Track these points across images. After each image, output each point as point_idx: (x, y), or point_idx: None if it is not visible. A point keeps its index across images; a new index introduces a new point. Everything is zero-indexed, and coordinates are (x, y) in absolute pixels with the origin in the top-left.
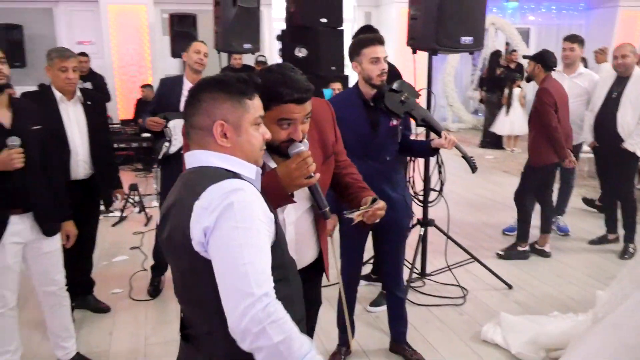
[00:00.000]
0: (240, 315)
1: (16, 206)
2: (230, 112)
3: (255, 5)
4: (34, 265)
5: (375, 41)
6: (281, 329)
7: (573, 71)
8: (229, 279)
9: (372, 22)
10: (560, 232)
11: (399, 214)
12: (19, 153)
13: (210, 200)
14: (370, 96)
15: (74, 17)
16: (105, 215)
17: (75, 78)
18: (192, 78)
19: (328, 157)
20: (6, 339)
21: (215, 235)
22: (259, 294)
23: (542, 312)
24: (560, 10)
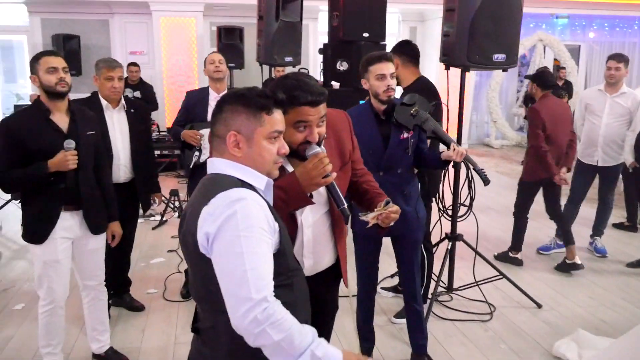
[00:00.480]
0: (241, 317)
1: (68, 203)
2: (245, 124)
3: (297, 19)
4: (78, 260)
5: (382, 58)
6: (280, 328)
7: (616, 90)
8: (230, 284)
9: (416, 37)
10: (597, 254)
11: (410, 227)
12: (73, 155)
13: (215, 206)
14: (381, 110)
15: (128, 28)
16: (146, 219)
17: (120, 87)
18: (216, 88)
19: (345, 164)
20: (51, 334)
21: (218, 242)
22: (258, 299)
23: (572, 333)
24: (614, 28)
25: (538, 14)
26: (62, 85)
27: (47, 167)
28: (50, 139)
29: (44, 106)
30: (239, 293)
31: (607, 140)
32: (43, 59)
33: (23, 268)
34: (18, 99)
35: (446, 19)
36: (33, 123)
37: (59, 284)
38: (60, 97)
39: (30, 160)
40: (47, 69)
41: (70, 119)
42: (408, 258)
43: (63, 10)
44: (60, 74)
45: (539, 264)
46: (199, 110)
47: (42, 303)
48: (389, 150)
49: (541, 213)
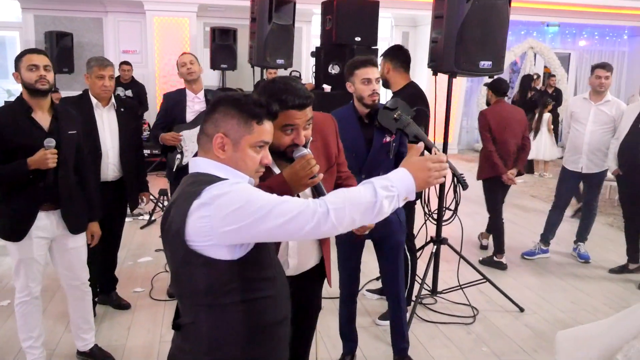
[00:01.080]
0: (315, 225)
1: (46, 202)
2: (234, 129)
3: (290, 22)
4: (59, 260)
5: (368, 63)
6: (337, 203)
7: (601, 99)
8: (275, 213)
9: (409, 42)
10: (580, 259)
11: (391, 230)
12: (53, 154)
13: (211, 196)
14: (364, 113)
15: (121, 27)
16: (135, 218)
17: (110, 86)
18: (192, 88)
19: (331, 166)
20: (30, 325)
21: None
22: (310, 203)
23: (553, 338)
24: (604, 37)
25: (529, 22)
26: (42, 83)
27: (26, 165)
28: (30, 137)
29: (26, 104)
30: (293, 211)
31: (592, 148)
32: (26, 56)
33: (9, 265)
34: (9, 95)
35: (434, 25)
36: (14, 120)
37: (33, 279)
38: (41, 94)
39: (10, 157)
40: (28, 66)
41: (53, 117)
42: (390, 261)
43: (56, 7)
44: (41, 72)
45: (522, 268)
46: (177, 111)
47: (18, 295)
48: (372, 153)
49: (526, 218)
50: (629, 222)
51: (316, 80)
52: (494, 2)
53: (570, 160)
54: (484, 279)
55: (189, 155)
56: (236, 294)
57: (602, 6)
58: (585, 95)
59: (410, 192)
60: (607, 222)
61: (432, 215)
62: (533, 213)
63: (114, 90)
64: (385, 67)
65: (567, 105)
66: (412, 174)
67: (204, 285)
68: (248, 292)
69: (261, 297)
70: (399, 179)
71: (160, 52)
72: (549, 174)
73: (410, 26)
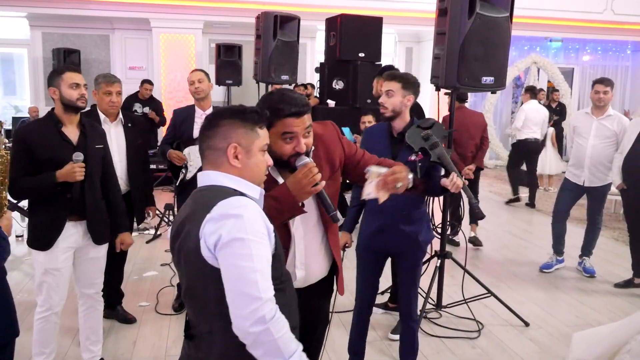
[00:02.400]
0: (247, 315)
1: (72, 213)
2: (244, 137)
3: (294, 39)
4: (78, 268)
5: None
6: (280, 326)
7: (602, 113)
8: (239, 285)
9: (412, 57)
10: (586, 274)
11: (407, 247)
12: (81, 167)
13: (220, 213)
14: (397, 129)
15: (127, 44)
16: (140, 233)
17: (118, 102)
18: (200, 105)
19: (335, 172)
20: (45, 341)
21: (228, 246)
22: (266, 298)
23: (558, 352)
24: (607, 52)
25: (532, 37)
26: (82, 101)
27: (54, 177)
28: (59, 150)
29: (56, 118)
30: (247, 292)
31: (594, 162)
32: (67, 74)
33: (16, 279)
34: (16, 111)
35: (437, 41)
36: (45, 133)
37: (57, 292)
38: (76, 111)
39: (40, 169)
40: (70, 84)
41: (81, 132)
42: (405, 277)
43: (64, 24)
44: (82, 90)
45: (527, 283)
46: (186, 127)
47: (39, 309)
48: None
49: (532, 233)
50: (634, 236)
51: (320, 96)
52: (496, 19)
53: (573, 173)
54: (488, 294)
55: (192, 170)
56: None
57: (605, 21)
58: (587, 110)
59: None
60: (612, 236)
61: (437, 229)
62: (539, 227)
63: (131, 105)
64: (380, 86)
65: (570, 120)
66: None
67: (217, 297)
68: None
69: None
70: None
71: (166, 69)
72: (553, 188)
73: (414, 42)
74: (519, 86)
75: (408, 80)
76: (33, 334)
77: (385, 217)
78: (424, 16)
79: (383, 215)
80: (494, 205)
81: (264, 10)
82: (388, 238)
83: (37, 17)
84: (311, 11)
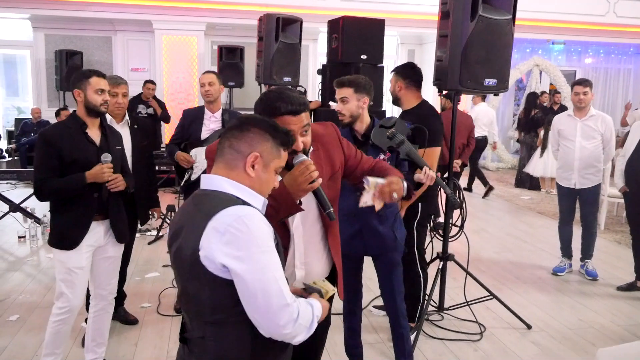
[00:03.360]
0: (283, 324)
1: (98, 212)
2: (269, 151)
3: (296, 41)
4: (95, 267)
5: (335, 83)
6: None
7: (585, 114)
8: (267, 298)
9: (415, 59)
10: (589, 277)
11: (386, 247)
12: (109, 168)
13: (224, 223)
14: (360, 131)
15: (130, 46)
16: (142, 234)
17: (124, 103)
18: (210, 108)
19: (335, 172)
20: (57, 343)
21: (245, 263)
22: (292, 302)
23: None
24: (609, 54)
25: (535, 40)
26: (105, 107)
27: (85, 178)
28: (84, 151)
29: (80, 120)
30: (276, 302)
31: (583, 163)
32: (94, 79)
33: (18, 280)
34: (19, 113)
35: (439, 44)
36: (71, 136)
37: (78, 291)
38: (98, 115)
39: (65, 170)
40: (96, 90)
41: (102, 133)
42: (386, 279)
43: (67, 26)
44: (106, 97)
45: (529, 285)
46: (194, 128)
47: (57, 311)
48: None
49: (534, 235)
50: (637, 239)
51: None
52: (498, 21)
53: (562, 177)
54: (490, 296)
55: (197, 172)
56: (243, 313)
57: (608, 24)
58: (570, 112)
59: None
60: (614, 240)
61: (439, 232)
62: (540, 229)
63: (135, 107)
64: (397, 85)
65: (554, 123)
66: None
67: (210, 302)
68: None
69: None
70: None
71: (168, 70)
72: (555, 191)
73: (416, 44)
74: (521, 89)
75: (359, 83)
76: (46, 334)
77: (360, 220)
78: (426, 18)
79: (358, 218)
80: (496, 208)
81: (266, 12)
82: (367, 240)
83: (40, 19)
84: (313, 13)
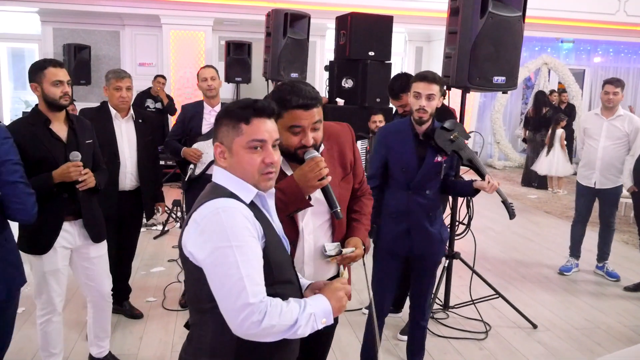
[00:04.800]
0: (240, 323)
1: (68, 213)
2: (225, 135)
3: (304, 37)
4: (82, 271)
5: (423, 78)
6: (274, 315)
7: (612, 114)
8: (227, 294)
9: (422, 56)
10: (612, 278)
11: (434, 248)
12: (77, 167)
13: (201, 215)
14: (421, 130)
15: (138, 40)
16: (148, 228)
17: (128, 97)
18: (210, 102)
19: (347, 174)
20: (52, 342)
21: (211, 257)
22: (256, 302)
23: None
24: (619, 53)
25: (544, 38)
26: (65, 99)
27: (52, 179)
28: (50, 149)
29: (43, 115)
30: (237, 301)
31: (605, 163)
32: (50, 69)
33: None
34: (27, 106)
35: (448, 41)
36: (33, 133)
37: (58, 292)
38: (61, 109)
39: (31, 170)
40: (53, 81)
41: (69, 127)
42: (424, 278)
43: (75, 20)
44: (65, 88)
45: (535, 285)
46: (194, 123)
47: (40, 313)
48: (422, 171)
49: (541, 235)
50: None
51: (329, 94)
52: (508, 19)
53: (583, 175)
54: (496, 295)
55: (201, 166)
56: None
57: (618, 22)
58: (597, 111)
59: (328, 317)
60: (622, 240)
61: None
62: (547, 229)
63: (143, 101)
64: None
65: (580, 122)
66: (330, 303)
67: (201, 292)
68: None
69: None
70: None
71: (176, 65)
72: (562, 191)
73: (424, 41)
74: (529, 87)
75: (443, 82)
76: (38, 336)
77: (411, 219)
78: (434, 15)
79: (409, 217)
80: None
81: (274, 8)
82: (415, 240)
83: (49, 13)
84: (321, 9)
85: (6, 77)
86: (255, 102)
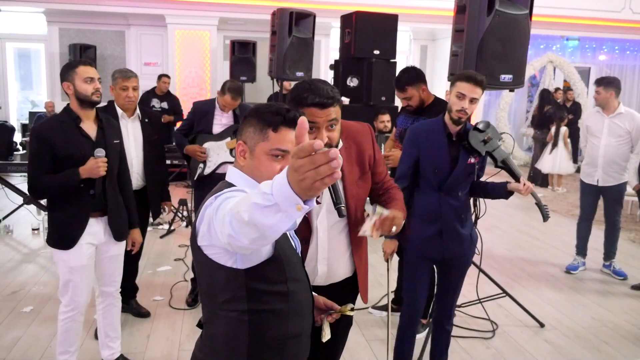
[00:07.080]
0: (222, 230)
1: (95, 210)
2: (251, 136)
3: (310, 35)
4: (99, 266)
5: (470, 79)
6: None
7: (612, 111)
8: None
9: (427, 55)
10: (619, 277)
11: (464, 250)
12: (104, 162)
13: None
14: (454, 130)
15: (143, 40)
16: (154, 227)
17: (134, 97)
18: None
19: (364, 173)
20: (70, 340)
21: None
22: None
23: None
24: (624, 51)
25: (549, 36)
26: (97, 95)
27: (79, 174)
28: (79, 146)
29: (74, 114)
30: (216, 216)
31: (607, 160)
32: (81, 68)
33: (32, 271)
34: (33, 106)
35: (455, 39)
36: (64, 130)
37: (83, 289)
38: (92, 105)
39: (59, 166)
40: (84, 78)
41: (98, 127)
42: (455, 280)
43: (81, 20)
44: (97, 85)
45: (542, 283)
46: (205, 121)
47: (64, 309)
48: (455, 172)
49: (545, 232)
50: None
51: None
52: (515, 16)
53: (586, 173)
54: (503, 294)
55: (211, 166)
56: (242, 303)
57: (624, 20)
58: (599, 108)
59: (290, 199)
60: (628, 238)
61: None
62: (553, 227)
63: (149, 101)
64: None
65: (583, 119)
66: (288, 179)
67: (212, 288)
68: (254, 303)
69: (268, 309)
70: (278, 185)
71: (181, 65)
72: (562, 189)
73: (429, 40)
74: (535, 85)
75: (485, 85)
76: (58, 333)
77: (443, 221)
78: (439, 14)
79: (440, 219)
80: (508, 205)
81: (279, 7)
82: (446, 243)
83: (54, 13)
84: (326, 8)
85: (12, 77)
86: (288, 112)
